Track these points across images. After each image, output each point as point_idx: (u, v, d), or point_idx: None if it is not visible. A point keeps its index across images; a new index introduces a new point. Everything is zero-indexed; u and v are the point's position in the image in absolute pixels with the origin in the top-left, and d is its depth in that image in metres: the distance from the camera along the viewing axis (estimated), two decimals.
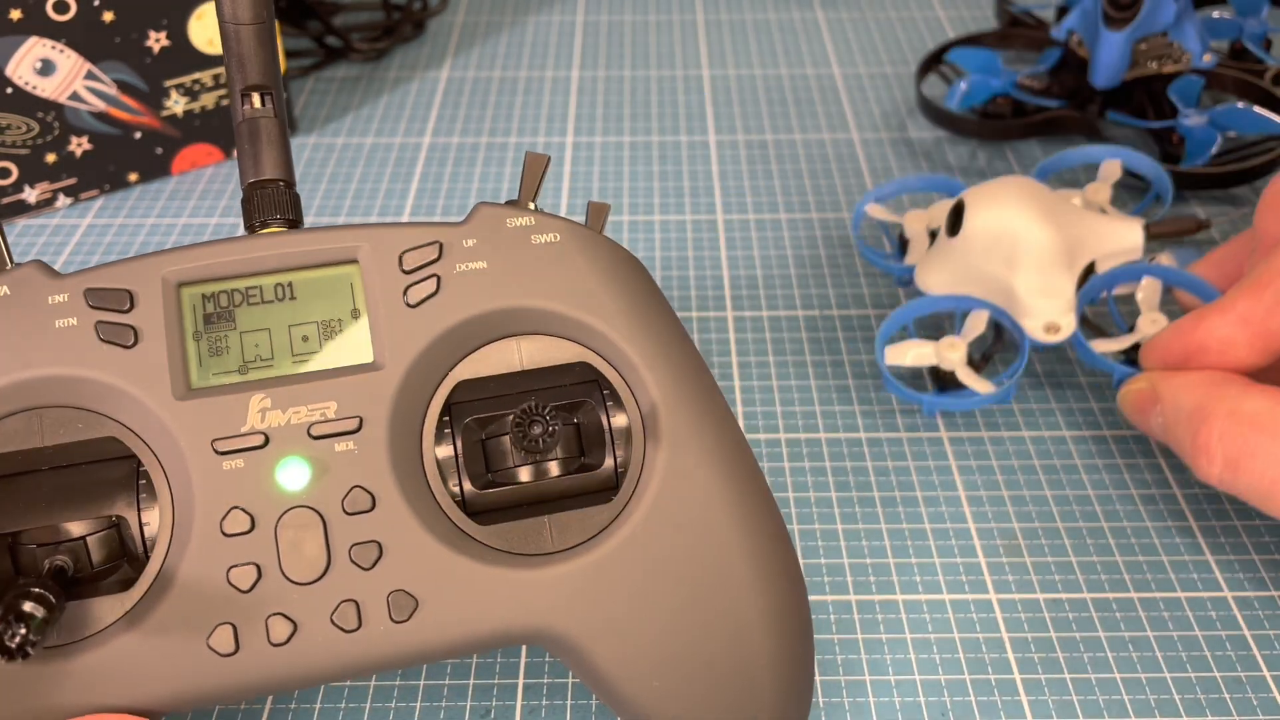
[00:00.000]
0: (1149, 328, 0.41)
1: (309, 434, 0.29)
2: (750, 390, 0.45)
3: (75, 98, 0.53)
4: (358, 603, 0.29)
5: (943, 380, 0.42)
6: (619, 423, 0.31)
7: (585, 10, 0.74)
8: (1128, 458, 0.42)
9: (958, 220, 0.43)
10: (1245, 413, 0.34)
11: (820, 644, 0.35)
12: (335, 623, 0.28)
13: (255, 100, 0.34)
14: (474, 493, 0.30)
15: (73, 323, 0.30)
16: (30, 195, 0.54)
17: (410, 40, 0.70)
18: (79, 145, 0.54)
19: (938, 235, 0.45)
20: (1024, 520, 0.39)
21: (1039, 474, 0.41)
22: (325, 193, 0.56)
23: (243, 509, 0.29)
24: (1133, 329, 0.42)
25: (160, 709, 0.28)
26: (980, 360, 0.43)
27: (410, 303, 0.30)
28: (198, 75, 0.56)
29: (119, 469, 0.30)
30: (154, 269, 0.30)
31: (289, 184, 0.34)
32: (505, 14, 0.73)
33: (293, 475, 0.29)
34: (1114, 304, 0.44)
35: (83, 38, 0.52)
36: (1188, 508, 0.40)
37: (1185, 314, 0.42)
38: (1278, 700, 0.34)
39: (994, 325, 0.44)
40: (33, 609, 0.26)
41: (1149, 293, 0.43)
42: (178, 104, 0.56)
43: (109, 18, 0.52)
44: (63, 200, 0.55)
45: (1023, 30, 0.63)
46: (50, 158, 0.54)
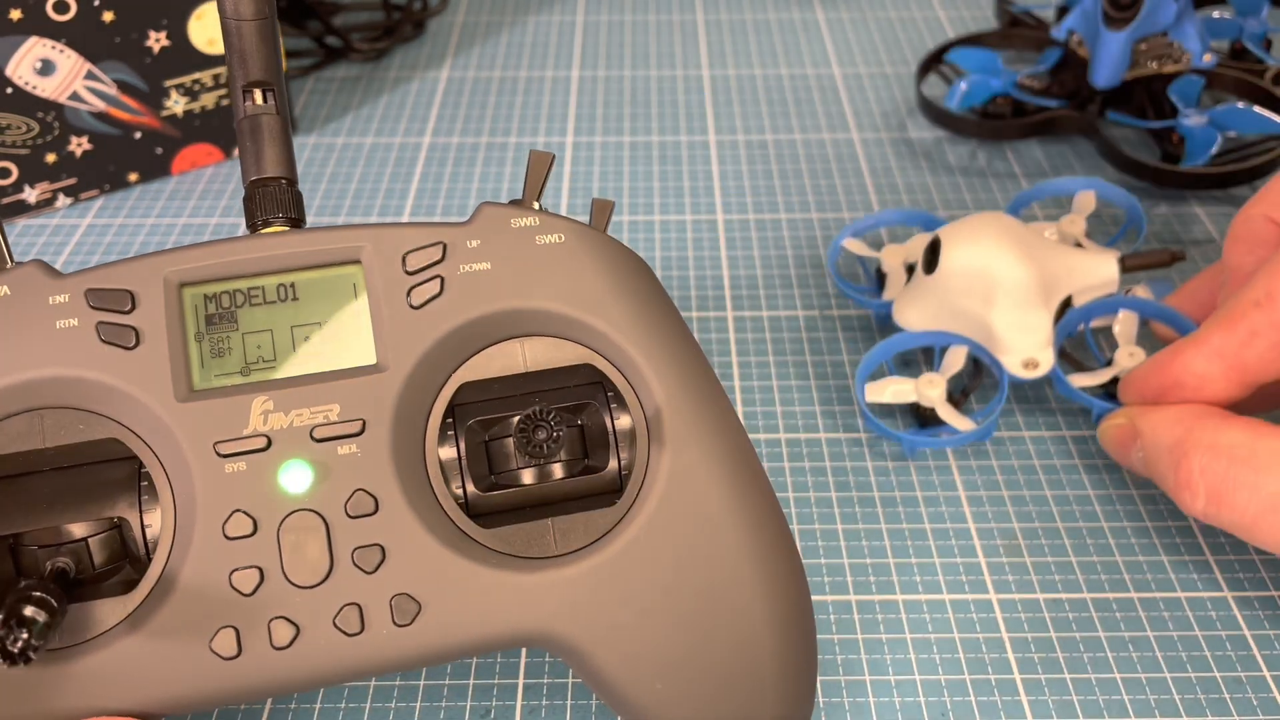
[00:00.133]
0: (1127, 361, 0.41)
1: (311, 436, 0.29)
2: (750, 390, 0.45)
3: (75, 98, 0.53)
4: (360, 606, 0.29)
5: (922, 417, 0.42)
6: (623, 425, 0.31)
7: (585, 10, 0.74)
8: None
9: (934, 257, 0.43)
10: (1225, 446, 0.34)
11: (820, 644, 0.35)
12: (338, 626, 0.28)
13: (257, 97, 0.33)
14: (477, 495, 0.30)
15: (74, 323, 0.29)
16: (30, 195, 0.54)
17: (410, 40, 0.70)
18: (79, 145, 0.54)
19: (915, 270, 0.45)
20: (1024, 520, 0.40)
21: (1039, 474, 0.41)
22: (325, 193, 0.56)
23: (245, 512, 0.29)
24: (1110, 362, 0.42)
25: (161, 712, 0.28)
26: (959, 396, 0.43)
27: (414, 304, 0.30)
28: (198, 75, 0.56)
29: (120, 470, 0.30)
30: (155, 269, 0.30)
31: (291, 182, 0.33)
32: (505, 14, 0.73)
33: (295, 478, 0.29)
34: (1091, 337, 0.43)
35: (83, 38, 0.52)
36: None
37: (1162, 346, 0.42)
38: (1278, 700, 0.34)
39: (972, 361, 0.43)
40: (34, 614, 0.26)
41: (1126, 325, 0.43)
42: (178, 104, 0.56)
43: (109, 18, 0.52)
44: (63, 200, 0.55)
45: (1023, 30, 0.63)
46: (50, 158, 0.54)
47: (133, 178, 0.57)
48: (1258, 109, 0.53)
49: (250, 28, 0.33)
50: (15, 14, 0.50)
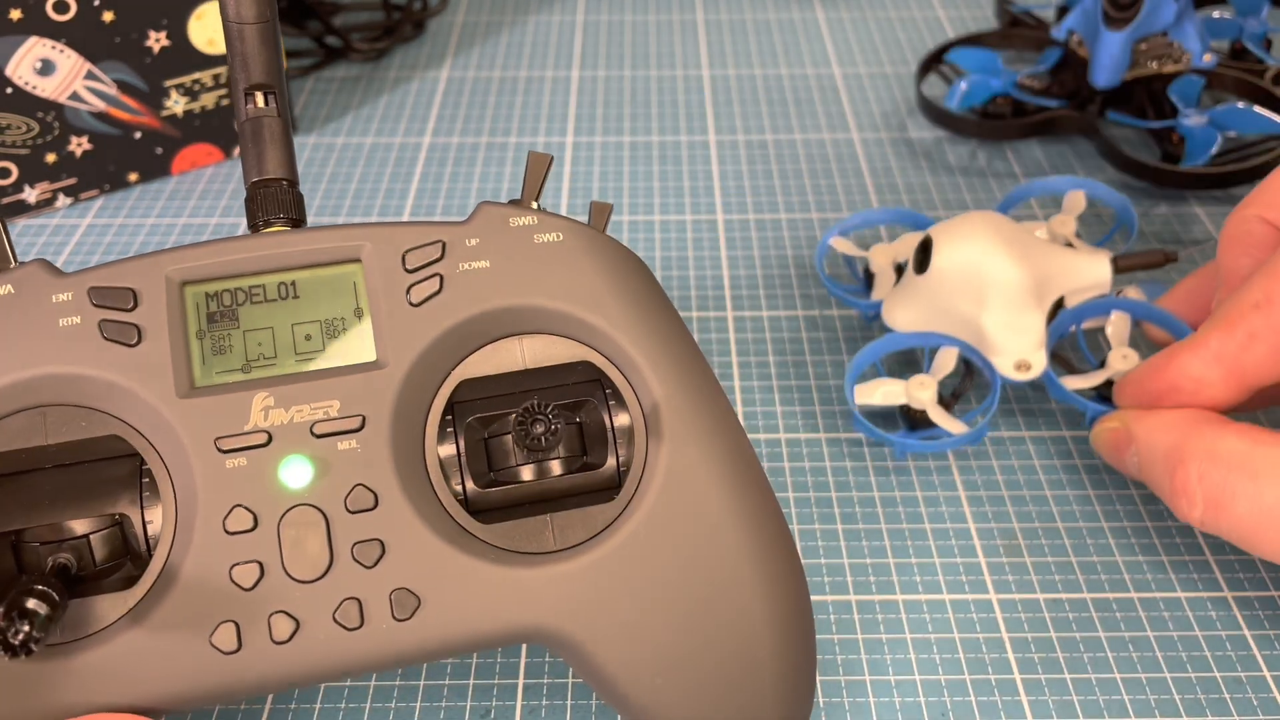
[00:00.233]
0: (1120, 363, 0.41)
1: (312, 432, 0.29)
2: (750, 390, 0.45)
3: (75, 98, 0.53)
4: (360, 601, 0.29)
5: (913, 419, 0.41)
6: (621, 422, 0.31)
7: (585, 10, 0.74)
8: None
9: (925, 257, 0.42)
10: (1223, 453, 0.34)
11: (820, 644, 0.35)
12: (338, 621, 0.28)
13: (259, 99, 0.34)
14: (476, 492, 0.30)
15: (76, 321, 0.30)
16: (30, 195, 0.54)
17: (410, 40, 0.70)
18: (79, 145, 0.54)
19: (904, 270, 0.44)
20: (1024, 520, 0.40)
21: (1039, 474, 0.41)
22: (325, 192, 0.56)
23: (245, 507, 0.29)
24: (1103, 364, 0.41)
25: (162, 707, 0.28)
26: (950, 398, 0.42)
27: (413, 301, 0.30)
28: (198, 75, 0.56)
29: (122, 467, 0.30)
30: (157, 268, 0.30)
31: (292, 183, 0.34)
32: (505, 14, 0.73)
33: (295, 473, 0.29)
34: (1083, 338, 0.43)
35: (83, 38, 0.52)
36: None
37: (1155, 348, 0.41)
38: (1278, 700, 0.34)
39: (963, 362, 0.43)
40: (36, 606, 0.26)
41: (1118, 327, 0.42)
42: (178, 104, 0.56)
43: (109, 18, 0.52)
44: (63, 200, 0.55)
45: (1023, 30, 0.63)
46: (50, 158, 0.54)
47: (133, 178, 0.57)
48: (1258, 109, 0.53)
49: (252, 31, 0.34)
50: (15, 14, 0.50)
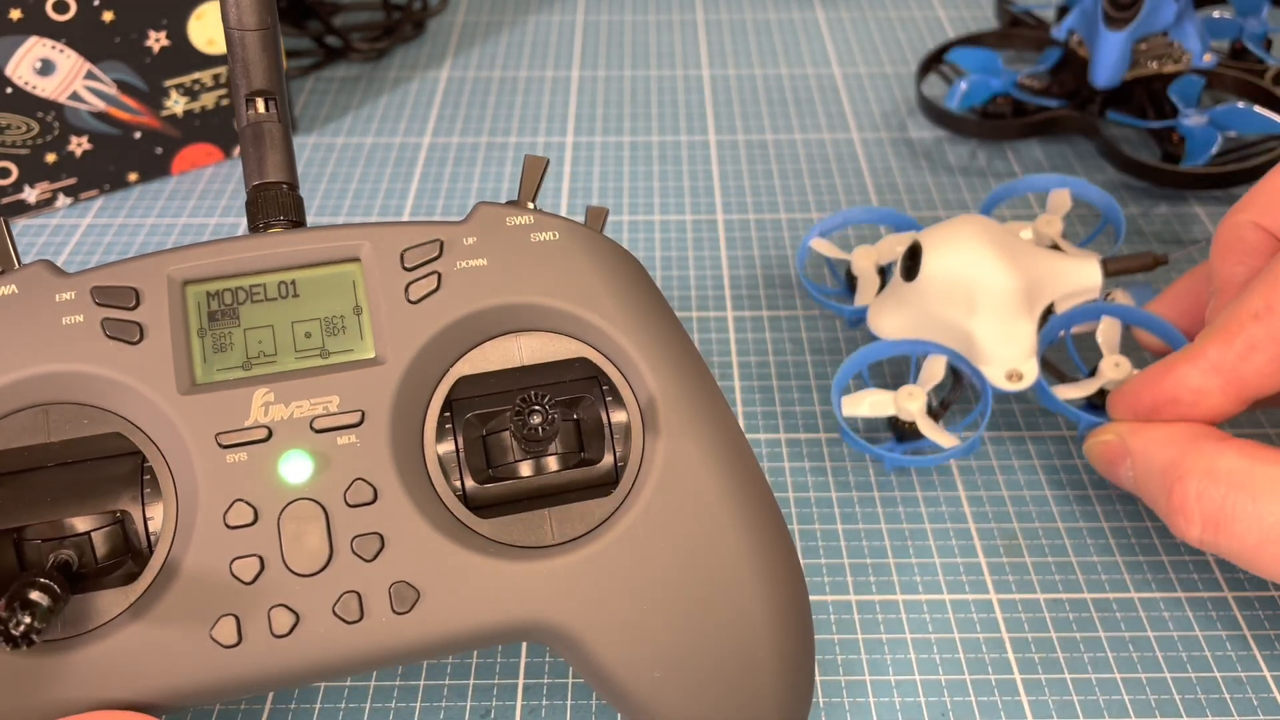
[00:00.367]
0: (1111, 371, 0.40)
1: (311, 427, 0.29)
2: (750, 390, 0.45)
3: (75, 98, 0.53)
4: (360, 594, 0.29)
5: (902, 430, 0.41)
6: (618, 418, 0.31)
7: (585, 10, 0.74)
8: None
9: (914, 264, 0.41)
10: (1222, 471, 0.33)
11: (820, 644, 0.35)
12: (337, 614, 0.29)
13: (259, 105, 0.34)
14: (475, 487, 0.30)
15: (79, 320, 0.30)
16: (30, 195, 0.54)
17: (410, 40, 0.70)
18: (79, 145, 0.54)
19: (888, 273, 0.43)
20: (1024, 520, 0.39)
21: (1039, 474, 0.41)
22: (325, 192, 0.56)
23: (246, 501, 0.29)
24: (1094, 372, 0.41)
25: (164, 702, 0.28)
26: (939, 408, 0.41)
27: (411, 299, 0.31)
28: (198, 75, 0.56)
29: (124, 465, 0.30)
30: (159, 267, 0.31)
31: (292, 186, 0.34)
32: (505, 14, 0.73)
33: (295, 468, 0.29)
34: (1072, 344, 0.42)
35: (83, 38, 0.52)
36: None
37: (1146, 354, 0.41)
38: (1278, 700, 0.34)
39: (952, 371, 0.42)
40: (38, 598, 0.26)
41: (1109, 333, 0.41)
42: (178, 104, 0.56)
43: (109, 18, 0.52)
44: (63, 200, 0.55)
45: (1023, 30, 0.63)
46: (50, 158, 0.54)
47: (132, 178, 0.57)
48: (1258, 109, 0.53)
49: (253, 38, 0.34)
50: (15, 14, 0.50)
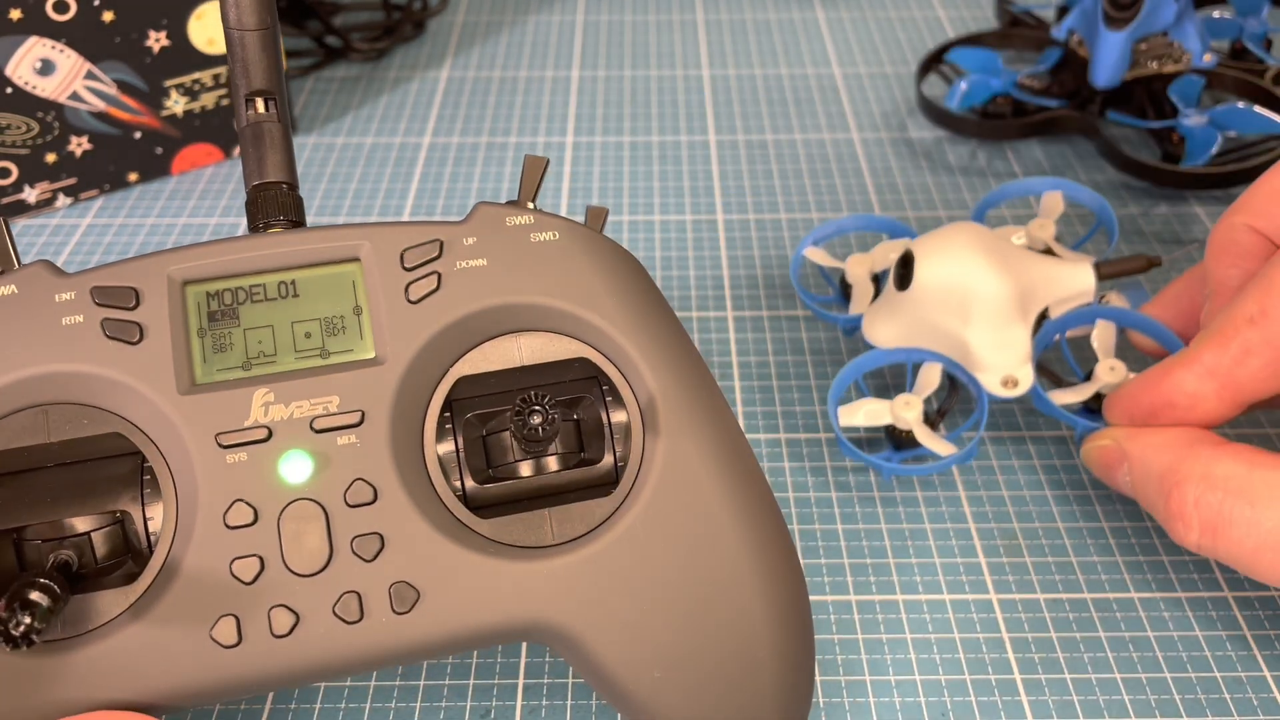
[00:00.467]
0: (1107, 375, 0.40)
1: (311, 427, 0.29)
2: (750, 390, 0.45)
3: (75, 98, 0.53)
4: (359, 594, 0.29)
5: (899, 439, 0.40)
6: (618, 418, 0.31)
7: (585, 10, 0.74)
8: None
9: (907, 272, 0.41)
10: (1220, 477, 0.33)
11: (820, 644, 0.35)
12: (337, 614, 0.29)
13: (259, 105, 0.34)
14: (475, 487, 0.30)
15: (79, 320, 0.30)
16: (30, 195, 0.54)
17: (410, 40, 0.70)
18: (79, 145, 0.54)
19: (882, 281, 0.43)
20: (1024, 520, 0.39)
21: (1039, 474, 0.41)
22: (325, 192, 0.56)
23: (246, 501, 0.29)
24: (1090, 376, 0.40)
25: (164, 702, 0.28)
26: (935, 416, 0.41)
27: (411, 299, 0.31)
28: (198, 75, 0.56)
29: (124, 465, 0.30)
30: (159, 267, 0.31)
31: (292, 186, 0.34)
32: (505, 14, 0.73)
33: (295, 468, 0.29)
34: (1067, 348, 0.42)
35: (83, 37, 0.52)
36: None
37: (1141, 357, 0.41)
38: (1278, 700, 0.34)
39: (947, 378, 0.42)
40: (38, 598, 0.26)
41: (1104, 337, 0.41)
42: (178, 104, 0.56)
43: (109, 18, 0.52)
44: (63, 200, 0.55)
45: (1023, 30, 0.63)
46: (50, 158, 0.54)
47: (132, 177, 0.57)
48: (1258, 109, 0.53)
49: (253, 38, 0.34)
50: (15, 14, 0.50)
